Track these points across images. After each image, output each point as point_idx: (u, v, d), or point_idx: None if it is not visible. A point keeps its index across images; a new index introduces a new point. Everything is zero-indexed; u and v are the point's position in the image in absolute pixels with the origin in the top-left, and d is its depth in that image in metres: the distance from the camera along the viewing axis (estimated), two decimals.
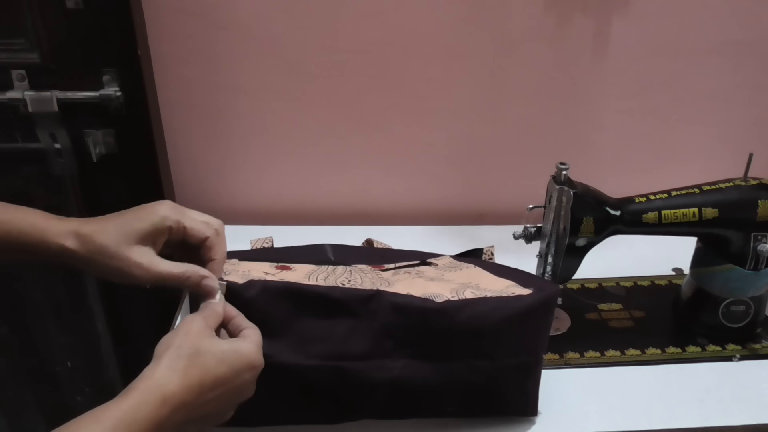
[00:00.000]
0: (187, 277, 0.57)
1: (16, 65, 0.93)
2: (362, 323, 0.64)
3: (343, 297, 0.64)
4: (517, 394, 0.70)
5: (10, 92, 0.94)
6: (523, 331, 0.67)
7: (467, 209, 1.16)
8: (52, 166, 1.00)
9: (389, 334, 0.64)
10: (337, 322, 0.63)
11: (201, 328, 0.52)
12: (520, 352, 0.68)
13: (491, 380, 0.68)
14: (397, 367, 0.65)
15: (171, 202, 0.59)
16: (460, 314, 0.65)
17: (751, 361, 0.83)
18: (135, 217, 0.57)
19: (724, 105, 1.10)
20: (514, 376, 0.69)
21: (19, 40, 0.92)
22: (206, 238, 0.59)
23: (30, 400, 1.20)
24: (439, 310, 0.64)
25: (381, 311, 0.64)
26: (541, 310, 0.68)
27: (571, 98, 1.08)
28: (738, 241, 0.81)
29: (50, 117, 0.96)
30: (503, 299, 0.67)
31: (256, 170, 1.11)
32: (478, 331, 0.65)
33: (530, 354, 0.69)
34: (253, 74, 1.02)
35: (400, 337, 0.65)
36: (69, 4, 0.90)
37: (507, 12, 1.00)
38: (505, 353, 0.67)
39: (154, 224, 0.57)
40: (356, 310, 0.64)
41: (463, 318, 0.65)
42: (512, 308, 0.66)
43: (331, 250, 0.86)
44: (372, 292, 0.64)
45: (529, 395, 0.71)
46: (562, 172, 0.77)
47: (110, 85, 0.96)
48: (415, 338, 0.65)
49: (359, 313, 0.64)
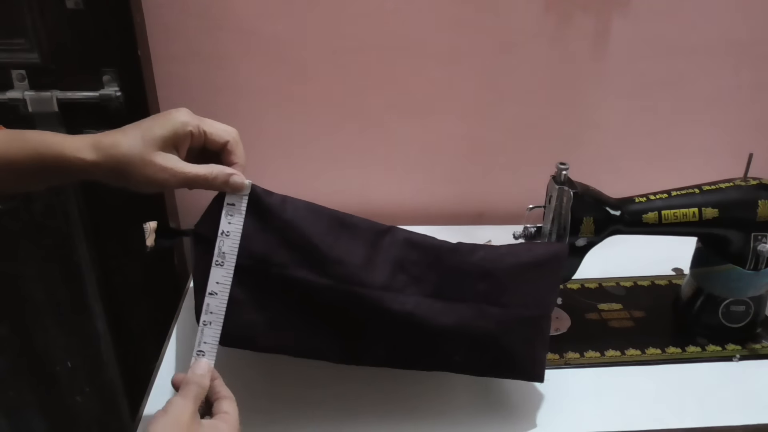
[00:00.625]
0: (214, 177, 0.58)
1: (16, 65, 0.93)
2: (377, 254, 0.64)
3: (361, 224, 0.65)
4: (525, 353, 0.69)
5: (10, 92, 0.94)
6: (534, 282, 0.68)
7: (467, 209, 1.16)
8: None
9: (403, 268, 0.65)
10: (353, 248, 0.64)
11: (189, 418, 0.52)
12: (530, 304, 0.68)
13: (501, 330, 0.67)
14: (410, 302, 0.64)
15: (188, 110, 0.59)
16: (473, 255, 0.66)
17: (751, 361, 0.83)
18: (155, 124, 0.56)
19: (725, 105, 1.11)
20: (524, 329, 0.68)
21: (19, 40, 0.92)
22: (227, 143, 0.60)
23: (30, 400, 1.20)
24: (453, 248, 0.66)
25: (396, 245, 0.65)
26: (551, 263, 0.69)
27: (571, 98, 1.08)
28: (738, 241, 0.81)
29: (50, 117, 0.96)
30: (515, 246, 0.69)
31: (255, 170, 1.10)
32: (491, 273, 0.66)
33: (540, 308, 0.69)
34: (253, 74, 1.02)
35: (413, 273, 0.65)
36: (69, 4, 0.90)
37: (507, 12, 1.00)
38: (516, 301, 0.67)
39: (176, 129, 0.56)
40: (372, 240, 0.64)
41: (477, 259, 0.66)
42: (523, 256, 0.68)
43: None
44: (387, 227, 0.66)
45: (537, 356, 0.70)
46: (562, 172, 0.77)
47: (110, 85, 0.96)
48: (428, 274, 0.65)
49: (375, 243, 0.64)
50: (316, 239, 0.62)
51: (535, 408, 0.74)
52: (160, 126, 0.56)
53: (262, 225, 0.62)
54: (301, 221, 0.62)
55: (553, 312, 0.88)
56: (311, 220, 0.63)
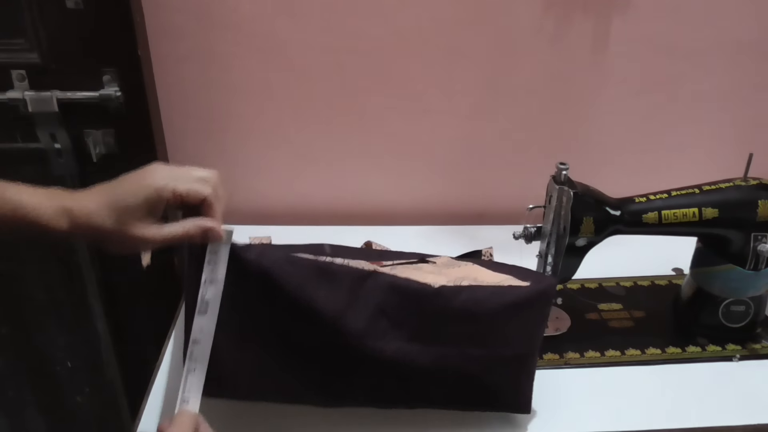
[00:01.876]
0: (191, 235, 0.58)
1: (16, 65, 0.93)
2: (358, 300, 0.63)
3: (340, 271, 0.64)
4: (510, 388, 0.70)
5: (10, 92, 0.94)
6: (519, 322, 0.67)
7: (467, 209, 1.16)
8: (52, 166, 1.00)
9: (384, 313, 0.64)
10: (332, 296, 0.63)
11: None
12: (515, 343, 0.67)
13: (484, 369, 0.67)
14: (390, 348, 0.64)
15: (163, 168, 0.58)
16: (456, 298, 0.65)
17: (751, 361, 0.83)
18: (127, 192, 0.56)
19: (724, 105, 1.10)
20: (508, 367, 0.68)
21: (19, 40, 0.92)
22: (204, 198, 0.58)
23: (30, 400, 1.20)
24: (435, 293, 0.64)
25: (377, 290, 0.64)
26: (538, 302, 0.68)
27: (571, 98, 1.08)
28: (738, 241, 0.81)
29: (50, 117, 0.96)
30: (500, 287, 0.67)
31: (255, 170, 1.11)
32: (474, 316, 0.65)
33: (525, 346, 0.68)
34: (253, 74, 1.02)
35: (394, 318, 0.64)
36: (69, 4, 0.90)
37: (507, 12, 1.00)
38: (499, 342, 0.66)
39: (148, 198, 0.55)
40: (352, 286, 0.64)
41: (459, 302, 0.65)
42: (508, 296, 0.66)
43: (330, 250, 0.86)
44: (369, 271, 0.65)
45: (522, 390, 0.70)
46: (562, 172, 0.77)
47: (110, 85, 0.96)
48: (409, 319, 0.64)
49: (355, 290, 0.64)
50: (295, 290, 0.62)
51: (535, 408, 0.74)
52: (132, 195, 0.55)
53: (242, 277, 0.61)
54: (280, 272, 0.62)
55: (553, 312, 0.89)
56: (290, 270, 0.62)
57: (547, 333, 0.85)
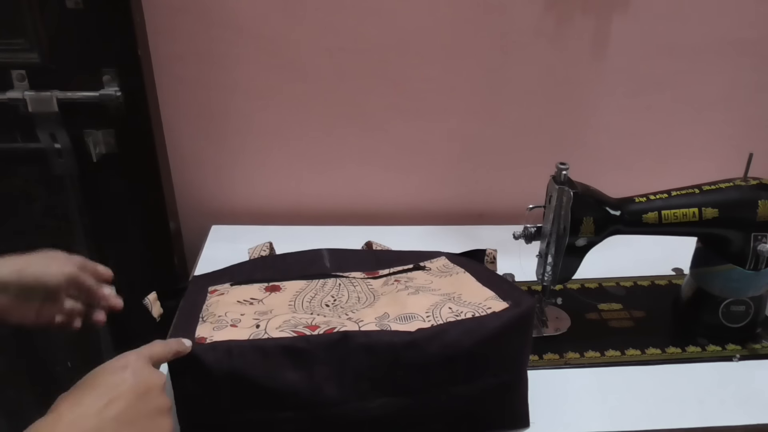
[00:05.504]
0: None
1: (16, 65, 0.93)
2: (333, 369, 0.62)
3: (309, 347, 0.62)
4: (503, 412, 0.70)
5: (10, 92, 0.94)
6: (499, 351, 0.66)
7: (467, 209, 1.16)
8: (52, 166, 1.00)
9: (363, 375, 0.63)
10: (307, 372, 0.62)
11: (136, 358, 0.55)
12: (500, 372, 0.67)
13: (473, 402, 0.67)
14: (374, 407, 0.64)
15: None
16: (431, 345, 0.63)
17: (751, 361, 0.83)
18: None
19: (724, 105, 1.11)
20: (496, 395, 0.68)
21: (19, 40, 0.92)
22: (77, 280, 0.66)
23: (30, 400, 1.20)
24: (410, 343, 0.63)
25: (351, 354, 0.63)
26: (516, 328, 0.67)
27: (571, 98, 1.08)
28: (738, 241, 0.81)
29: (50, 117, 0.96)
30: (475, 321, 0.65)
31: (255, 170, 1.11)
32: (452, 359, 0.64)
33: (510, 371, 0.68)
34: (253, 74, 1.02)
35: (374, 377, 0.63)
36: (69, 4, 0.90)
37: (507, 12, 1.00)
38: (482, 375, 0.66)
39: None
40: (325, 357, 0.62)
41: (435, 348, 0.63)
42: (485, 330, 0.65)
43: (328, 256, 0.86)
44: (340, 335, 0.63)
45: (516, 411, 0.70)
46: (562, 172, 0.77)
47: (110, 85, 0.96)
48: (389, 375, 0.63)
49: (329, 359, 0.62)
50: (267, 378, 0.61)
51: (535, 408, 0.74)
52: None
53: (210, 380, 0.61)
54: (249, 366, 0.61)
55: (553, 312, 0.89)
56: (256, 360, 0.61)
57: (546, 333, 0.86)
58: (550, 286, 0.84)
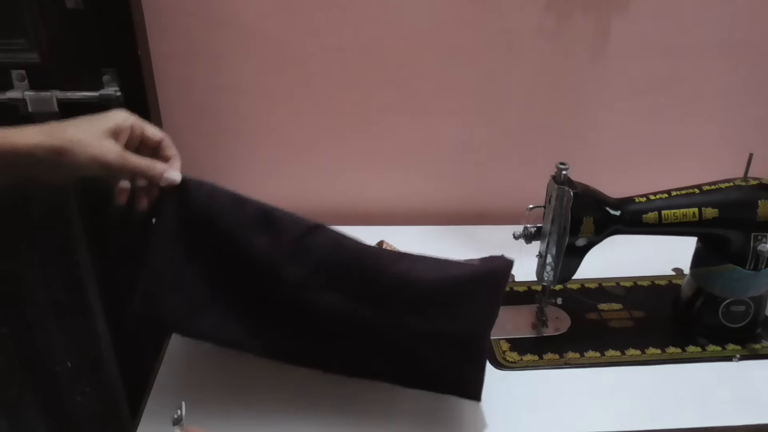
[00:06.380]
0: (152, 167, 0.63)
1: (16, 65, 0.93)
2: (298, 251, 0.64)
3: (286, 220, 0.65)
4: (455, 370, 0.68)
5: (10, 92, 0.94)
6: (463, 300, 0.66)
7: (467, 209, 1.16)
8: None
9: (323, 267, 0.64)
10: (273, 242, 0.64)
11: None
12: (459, 322, 0.66)
13: (423, 343, 0.66)
14: (325, 300, 0.64)
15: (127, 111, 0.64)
16: (396, 264, 0.65)
17: (751, 361, 0.83)
18: (98, 117, 0.62)
19: (724, 105, 1.10)
20: (451, 347, 0.66)
21: (19, 40, 0.92)
22: (161, 140, 0.66)
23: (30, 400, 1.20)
24: (376, 255, 0.65)
25: (320, 244, 0.65)
26: (488, 282, 0.66)
27: (571, 98, 1.08)
28: (738, 241, 0.81)
29: (50, 117, 0.95)
30: (442, 261, 0.66)
31: (255, 170, 1.11)
32: (412, 284, 0.64)
33: (471, 327, 0.66)
34: (253, 74, 1.02)
35: (333, 273, 0.64)
36: (69, 4, 0.90)
37: (507, 12, 1.00)
38: (439, 317, 0.65)
39: (118, 123, 0.62)
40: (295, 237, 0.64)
41: (399, 268, 0.64)
42: (451, 270, 0.65)
43: None
44: (315, 225, 0.65)
45: (469, 374, 0.68)
46: (562, 172, 0.77)
47: (110, 85, 0.96)
48: (348, 277, 0.64)
49: (297, 240, 0.64)
50: (235, 232, 0.64)
51: (535, 408, 0.74)
52: (105, 119, 0.62)
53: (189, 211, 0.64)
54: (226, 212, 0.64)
55: (553, 312, 0.89)
56: (235, 211, 0.64)
57: (546, 333, 0.86)
58: (550, 286, 0.84)
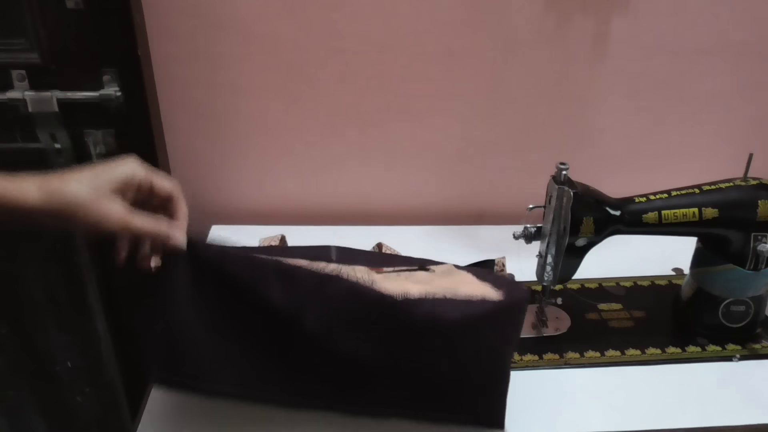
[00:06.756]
0: (156, 231, 0.58)
1: (16, 65, 0.93)
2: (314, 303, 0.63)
3: (299, 273, 0.63)
4: (476, 405, 0.68)
5: (10, 92, 0.94)
6: (484, 337, 0.66)
7: (467, 209, 1.16)
8: (52, 166, 1.00)
9: (342, 315, 0.64)
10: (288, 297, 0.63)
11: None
12: (481, 357, 0.66)
13: (445, 380, 0.66)
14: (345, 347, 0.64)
15: (136, 159, 0.59)
16: (417, 309, 0.64)
17: (751, 361, 0.83)
18: (103, 171, 0.56)
19: (724, 105, 1.11)
20: (472, 383, 0.67)
21: (19, 40, 0.92)
22: (171, 195, 0.60)
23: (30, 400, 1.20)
24: (393, 301, 0.63)
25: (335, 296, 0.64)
26: (508, 317, 0.67)
27: (571, 98, 1.08)
28: (738, 241, 0.81)
29: (50, 117, 0.96)
30: (463, 303, 0.65)
31: (256, 170, 1.11)
32: (434, 329, 0.64)
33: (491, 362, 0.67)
34: (253, 74, 1.02)
35: (351, 323, 0.64)
36: (69, 4, 0.90)
37: (507, 12, 1.00)
38: (461, 355, 0.65)
39: (126, 177, 0.57)
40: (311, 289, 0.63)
41: (421, 314, 0.64)
42: (472, 310, 0.65)
43: (336, 252, 0.86)
44: (329, 275, 0.64)
45: (492, 408, 0.69)
46: (562, 172, 0.77)
47: (110, 85, 0.96)
48: (366, 323, 0.64)
49: (313, 293, 0.63)
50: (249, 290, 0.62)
51: (535, 408, 0.74)
52: (108, 173, 0.56)
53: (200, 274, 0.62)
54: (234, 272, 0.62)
55: (553, 312, 0.89)
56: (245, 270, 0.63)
57: (546, 333, 0.86)
58: (550, 286, 0.84)
